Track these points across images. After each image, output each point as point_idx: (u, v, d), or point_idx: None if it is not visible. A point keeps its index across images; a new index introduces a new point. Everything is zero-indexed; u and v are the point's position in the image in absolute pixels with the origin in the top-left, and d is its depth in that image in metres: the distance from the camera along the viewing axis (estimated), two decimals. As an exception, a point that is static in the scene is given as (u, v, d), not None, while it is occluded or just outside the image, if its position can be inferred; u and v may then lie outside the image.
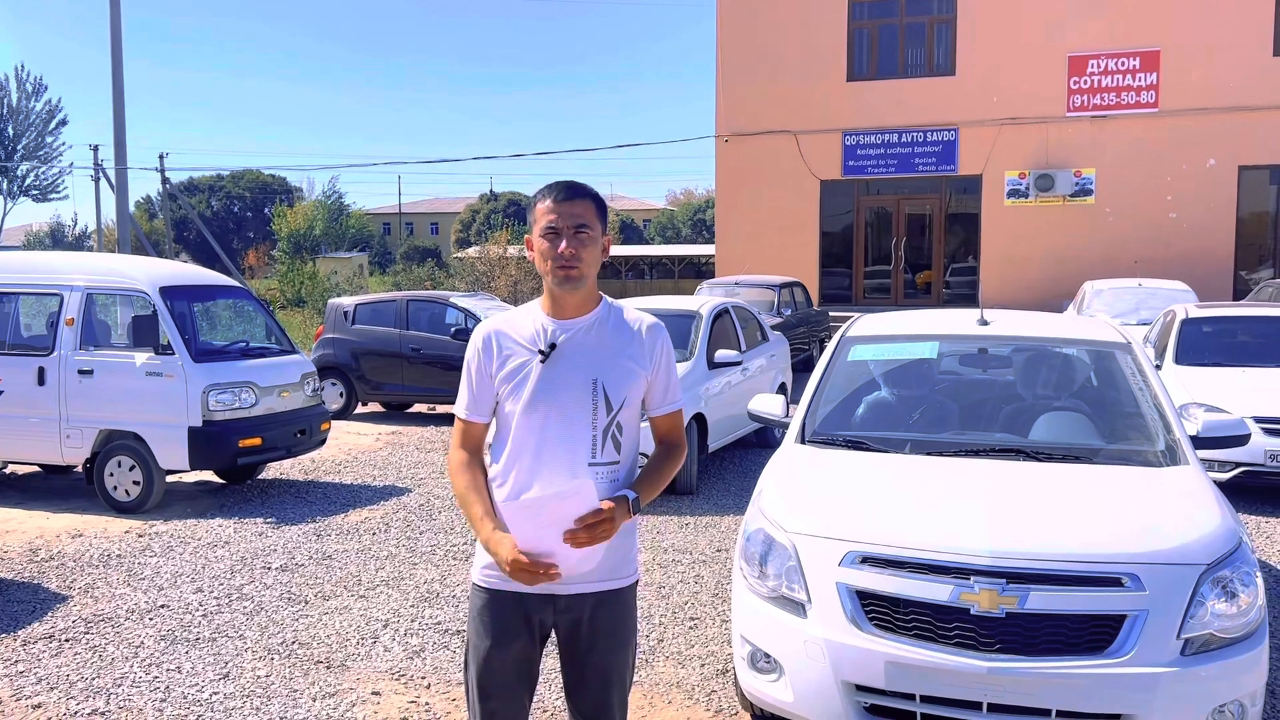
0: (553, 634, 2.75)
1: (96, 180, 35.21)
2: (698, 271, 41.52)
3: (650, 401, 2.76)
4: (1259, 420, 7.59)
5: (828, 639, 3.57)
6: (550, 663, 4.22)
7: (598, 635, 2.68)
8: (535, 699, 3.61)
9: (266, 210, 65.51)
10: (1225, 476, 7.75)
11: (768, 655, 3.79)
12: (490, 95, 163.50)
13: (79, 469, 8.64)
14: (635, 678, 4.75)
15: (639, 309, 2.80)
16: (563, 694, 2.57)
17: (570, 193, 2.61)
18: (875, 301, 21.61)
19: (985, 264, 20.94)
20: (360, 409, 13.70)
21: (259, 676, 4.85)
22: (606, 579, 2.68)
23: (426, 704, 4.53)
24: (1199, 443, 4.57)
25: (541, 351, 2.62)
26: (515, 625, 2.66)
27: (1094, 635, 3.38)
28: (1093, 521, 3.74)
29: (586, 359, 2.64)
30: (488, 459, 2.76)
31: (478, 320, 12.99)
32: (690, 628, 5.45)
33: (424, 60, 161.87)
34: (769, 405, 5.40)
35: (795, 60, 21.60)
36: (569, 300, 2.65)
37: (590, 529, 2.50)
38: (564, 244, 2.57)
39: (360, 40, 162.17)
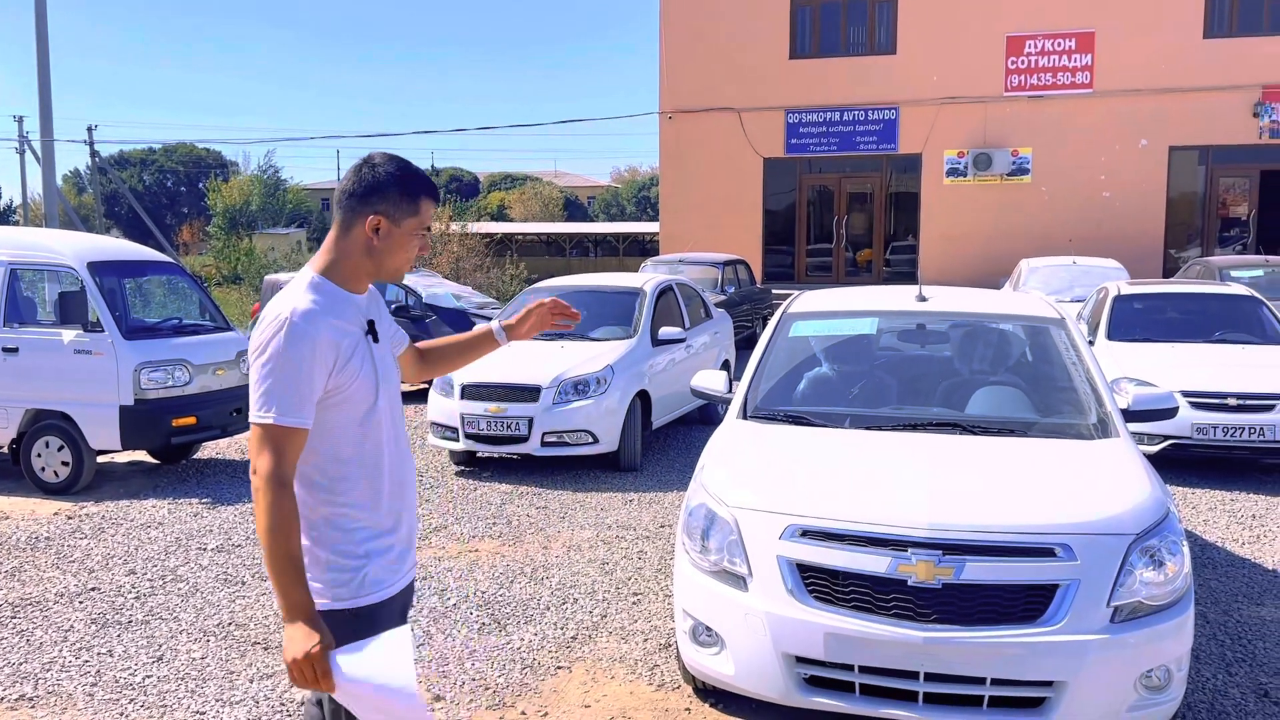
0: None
1: (21, 153, 34.12)
2: (642, 249, 41.51)
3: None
4: (1186, 394, 7.79)
5: (768, 612, 3.60)
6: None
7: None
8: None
9: (201, 185, 64.05)
10: (1154, 449, 7.96)
11: (709, 628, 3.81)
12: (433, 72, 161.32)
13: (4, 450, 8.39)
14: (579, 653, 4.77)
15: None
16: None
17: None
18: (817, 279, 21.76)
19: (925, 242, 21.19)
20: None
21: (194, 659, 4.76)
22: None
23: (367, 683, 4.48)
24: (1129, 416, 4.69)
25: (368, 332, 2.43)
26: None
27: (1027, 605, 3.46)
28: (1027, 493, 3.81)
29: (385, 331, 2.53)
30: (318, 468, 2.36)
31: (419, 297, 12.85)
32: (633, 603, 5.46)
33: (364, 36, 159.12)
34: (712, 381, 5.42)
35: (738, 37, 21.56)
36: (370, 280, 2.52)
37: None
38: (424, 244, 2.52)
39: (297, 15, 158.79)
